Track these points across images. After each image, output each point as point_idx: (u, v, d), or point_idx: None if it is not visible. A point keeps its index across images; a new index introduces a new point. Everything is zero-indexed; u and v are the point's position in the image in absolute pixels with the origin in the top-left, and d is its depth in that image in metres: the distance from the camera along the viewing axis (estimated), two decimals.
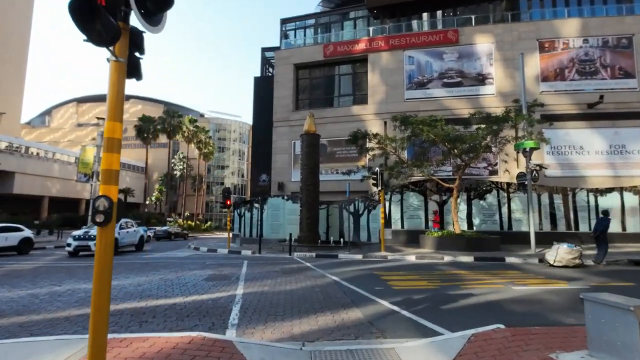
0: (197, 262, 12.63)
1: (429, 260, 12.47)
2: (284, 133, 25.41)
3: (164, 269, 10.60)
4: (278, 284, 7.69)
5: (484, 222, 17.00)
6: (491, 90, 22.27)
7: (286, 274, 9.26)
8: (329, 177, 23.91)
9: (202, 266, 11.24)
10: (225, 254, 16.52)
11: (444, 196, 17.68)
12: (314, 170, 18.29)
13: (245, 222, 21.95)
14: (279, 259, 13.63)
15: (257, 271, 9.90)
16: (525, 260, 11.95)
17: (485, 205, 17.11)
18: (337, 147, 24.28)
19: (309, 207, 17.84)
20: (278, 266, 11.06)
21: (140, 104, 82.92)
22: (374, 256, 13.47)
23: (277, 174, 25.34)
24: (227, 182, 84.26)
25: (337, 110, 24.92)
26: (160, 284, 7.86)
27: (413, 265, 11.36)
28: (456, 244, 13.92)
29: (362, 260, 12.70)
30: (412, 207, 17.94)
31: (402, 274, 9.31)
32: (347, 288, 7.19)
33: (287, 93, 25.83)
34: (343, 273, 9.35)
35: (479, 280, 8.23)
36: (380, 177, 13.99)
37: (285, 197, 20.82)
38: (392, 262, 12.23)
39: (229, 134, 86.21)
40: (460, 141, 13.73)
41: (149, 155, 75.99)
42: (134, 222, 19.27)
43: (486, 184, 17.26)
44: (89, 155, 26.07)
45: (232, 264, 11.86)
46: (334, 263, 11.96)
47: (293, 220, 19.65)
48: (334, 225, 20.12)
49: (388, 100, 23.42)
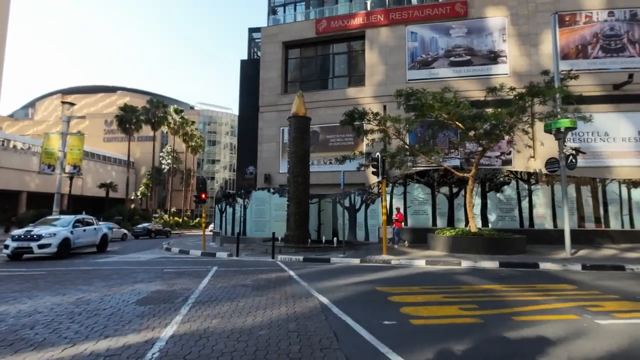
0: (154, 269, 10.05)
1: (443, 267, 9.99)
2: (271, 119, 22.74)
3: (101, 281, 8.02)
4: (237, 313, 5.16)
5: (501, 218, 14.56)
6: (504, 69, 19.78)
7: (257, 291, 6.72)
8: (322, 167, 21.35)
9: (154, 276, 8.67)
10: (197, 256, 13.97)
11: (454, 188, 15.20)
12: (303, 158, 15.73)
13: (227, 218, 19.37)
14: (258, 264, 11.10)
15: (220, 285, 7.36)
16: (564, 267, 9.52)
17: (502, 199, 14.66)
18: (331, 134, 21.69)
19: (298, 201, 15.30)
20: (251, 276, 8.51)
21: (128, 96, 79.52)
22: (374, 260, 10.98)
23: (263, 165, 22.70)
24: (218, 177, 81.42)
25: (330, 93, 22.27)
26: (64, 311, 5.30)
27: (426, 274, 8.87)
28: (473, 246, 11.48)
29: (359, 267, 10.20)
30: (417, 201, 15.45)
31: (417, 290, 6.81)
32: (341, 323, 4.68)
33: (275, 75, 23.11)
34: (335, 289, 6.84)
35: (529, 302, 5.76)
36: (382, 164, 11.47)
37: (272, 190, 18.25)
38: (397, 269, 9.73)
39: (219, 127, 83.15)
40: (481, 120, 11.23)
41: (137, 149, 73.19)
42: (94, 219, 16.59)
43: (504, 173, 14.81)
44: (53, 143, 23.21)
45: (195, 272, 9.29)
46: (325, 271, 9.45)
47: (280, 217, 17.14)
48: (327, 222, 17.61)
49: (388, 82, 20.84)
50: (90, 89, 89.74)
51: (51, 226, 14.04)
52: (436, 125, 13.22)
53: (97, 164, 61.11)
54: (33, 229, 13.30)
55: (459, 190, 15.11)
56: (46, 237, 12.91)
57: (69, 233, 13.92)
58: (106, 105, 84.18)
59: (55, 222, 14.65)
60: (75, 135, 24.05)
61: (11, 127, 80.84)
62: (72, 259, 13.00)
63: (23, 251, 12.61)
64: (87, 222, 15.77)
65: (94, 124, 78.69)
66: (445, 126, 13.89)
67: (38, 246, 12.61)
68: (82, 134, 25.75)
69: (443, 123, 13.30)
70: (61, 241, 13.23)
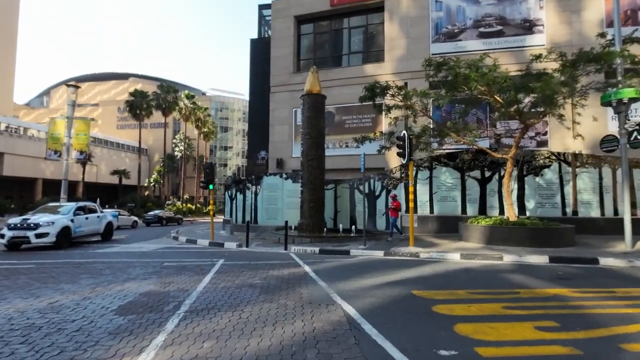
0: (154, 262, 8.99)
1: (482, 262, 8.60)
2: (283, 100, 21.31)
3: (90, 277, 6.98)
4: (239, 331, 3.95)
5: (540, 205, 12.96)
6: (541, 40, 17.76)
7: (266, 295, 5.52)
8: (337, 151, 19.96)
9: (151, 272, 7.59)
10: (204, 246, 12.93)
11: (487, 172, 13.61)
12: (318, 140, 14.37)
13: (238, 205, 18.29)
14: (269, 256, 9.94)
15: (222, 285, 6.19)
16: (631, 263, 8.01)
17: (542, 184, 13.02)
18: (347, 115, 20.17)
19: (312, 186, 14.02)
20: (261, 273, 7.33)
21: (140, 83, 78.94)
22: (400, 253, 9.66)
23: (275, 149, 21.42)
24: (231, 164, 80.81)
25: (346, 70, 20.62)
26: (21, 324, 4.20)
27: (465, 271, 7.51)
28: (513, 237, 10.01)
29: (384, 262, 8.90)
30: (445, 186, 13.94)
31: (465, 296, 5.46)
32: (378, 352, 3.39)
33: (287, 52, 21.55)
34: (362, 293, 5.57)
35: (625, 318, 4.36)
36: (409, 144, 10.02)
37: (284, 176, 17.01)
38: (429, 264, 8.40)
39: (232, 113, 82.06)
40: (527, 92, 9.59)
41: (149, 136, 72.98)
42: (98, 206, 15.72)
43: (544, 155, 13.13)
44: (59, 128, 22.50)
45: (198, 267, 8.17)
46: (345, 267, 8.19)
47: (293, 204, 15.94)
48: (344, 209, 16.32)
49: (409, 57, 19.08)
50: (103, 76, 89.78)
51: (50, 214, 13.21)
52: (469, 100, 11.62)
53: (111, 151, 61.08)
54: (30, 217, 12.45)
55: (492, 174, 13.52)
56: (44, 226, 12.04)
57: (69, 221, 13.06)
58: (119, 92, 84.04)
59: (56, 209, 13.83)
60: (82, 119, 23.26)
61: (27, 115, 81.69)
62: (72, 249, 12.14)
63: (20, 241, 11.79)
64: (90, 210, 14.92)
65: (107, 111, 78.79)
66: (477, 102, 12.27)
67: (35, 235, 11.75)
68: (89, 119, 24.95)
69: (476, 98, 11.68)
70: (60, 230, 12.37)
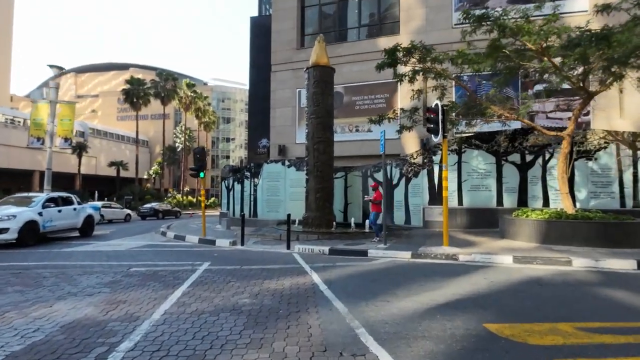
0: (121, 265, 7.04)
1: (546, 267, 6.53)
2: (285, 79, 19.15)
3: (17, 292, 5.06)
4: None
5: (594, 195, 10.79)
6: (583, 4, 15.41)
7: (253, 329, 3.51)
8: (347, 136, 17.85)
9: (107, 281, 5.63)
10: (192, 244, 10.99)
11: (528, 156, 11.44)
12: (325, 120, 12.28)
13: (235, 197, 16.33)
14: (267, 258, 7.95)
15: (193, 309, 4.19)
16: None
17: (596, 169, 10.84)
18: (358, 95, 17.99)
19: (320, 174, 11.98)
20: (253, 284, 5.32)
21: (140, 73, 76.72)
22: (432, 255, 7.60)
23: (277, 134, 19.33)
24: (233, 156, 78.81)
25: (356, 45, 18.38)
26: None
27: (535, 283, 5.46)
28: (577, 234, 7.90)
29: (416, 267, 6.88)
30: (477, 173, 11.81)
31: (579, 337, 3.39)
32: None
33: (290, 25, 19.33)
34: (403, 328, 3.54)
35: None
36: (443, 117, 7.90)
37: (287, 163, 14.96)
38: (478, 271, 6.35)
39: (234, 104, 79.84)
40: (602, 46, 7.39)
41: (150, 128, 71.23)
42: (75, 197, 13.80)
43: (598, 135, 10.93)
44: (42, 113, 20.51)
45: (172, 274, 6.19)
46: (366, 275, 6.18)
47: (297, 195, 13.94)
48: (355, 201, 14.27)
49: (428, 28, 16.80)
50: (103, 66, 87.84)
51: (15, 206, 11.32)
52: (512, 67, 9.40)
53: (110, 143, 59.45)
54: None
55: (534, 158, 11.34)
56: (3, 220, 10.15)
57: (36, 215, 11.15)
58: (119, 83, 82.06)
59: (23, 201, 11.95)
60: (66, 103, 21.34)
61: (27, 107, 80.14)
62: (37, 247, 10.24)
63: None
64: (66, 201, 13.00)
65: (107, 102, 77.11)
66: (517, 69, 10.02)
67: None
68: (74, 103, 22.96)
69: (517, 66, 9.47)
70: (24, 225, 10.46)
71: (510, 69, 9.52)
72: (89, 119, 66.85)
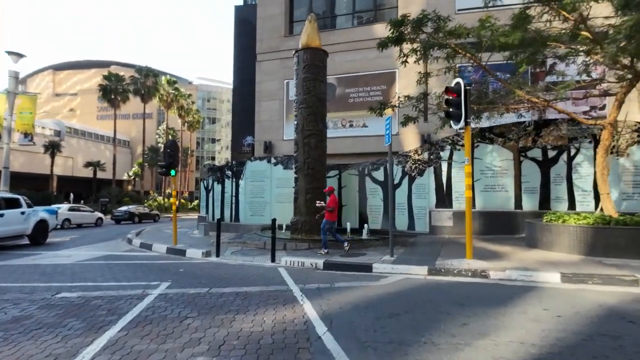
0: (47, 289, 5.23)
1: (609, 288, 5.02)
2: (272, 70, 17.43)
3: None
4: None
5: (626, 196, 9.41)
6: None
7: None
8: (339, 132, 16.23)
9: (10, 318, 3.82)
10: (158, 255, 9.17)
11: (551, 151, 10.00)
12: (317, 110, 10.65)
13: (215, 198, 14.50)
14: (245, 276, 6.22)
15: None
16: None
17: (628, 167, 9.49)
18: (352, 87, 16.40)
19: (310, 172, 10.33)
20: (217, 327, 3.60)
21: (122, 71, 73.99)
22: (454, 271, 6.00)
23: (262, 130, 17.57)
24: (219, 157, 76.38)
25: (351, 32, 16.80)
26: None
27: (615, 315, 3.92)
28: (630, 243, 6.42)
29: (439, 287, 5.28)
30: (492, 171, 10.34)
31: None
32: None
33: (278, 10, 17.63)
34: None
35: None
36: (466, 99, 6.35)
37: (273, 161, 13.25)
38: (523, 295, 4.77)
39: (220, 104, 77.46)
40: None
41: (132, 128, 68.42)
42: (24, 199, 11.76)
43: (631, 127, 9.57)
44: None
45: (108, 306, 4.42)
46: (378, 304, 4.52)
47: (285, 196, 12.27)
48: (351, 203, 12.65)
49: None
50: (83, 64, 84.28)
51: None
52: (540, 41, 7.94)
53: (89, 143, 56.62)
54: None
55: (558, 154, 9.91)
56: None
57: None
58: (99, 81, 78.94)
59: None
60: (26, 94, 19.13)
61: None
62: None
63: None
64: (10, 204, 10.99)
65: (87, 101, 73.84)
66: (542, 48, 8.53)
67: None
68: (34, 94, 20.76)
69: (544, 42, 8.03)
70: None
71: (542, 42, 7.99)
72: (67, 118, 63.69)
